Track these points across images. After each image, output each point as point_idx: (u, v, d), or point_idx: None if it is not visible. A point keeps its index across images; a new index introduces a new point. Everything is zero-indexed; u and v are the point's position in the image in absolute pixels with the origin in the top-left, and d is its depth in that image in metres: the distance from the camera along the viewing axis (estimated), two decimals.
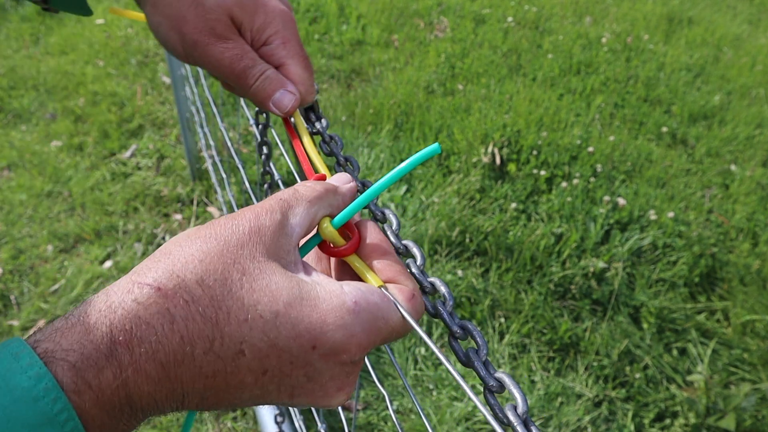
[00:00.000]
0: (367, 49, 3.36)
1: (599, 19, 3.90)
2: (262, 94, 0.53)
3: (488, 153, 2.47)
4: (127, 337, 0.28)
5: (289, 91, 0.53)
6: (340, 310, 0.32)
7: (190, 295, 0.30)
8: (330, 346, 0.32)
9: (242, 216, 0.34)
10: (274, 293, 0.31)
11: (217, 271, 0.30)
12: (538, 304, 1.91)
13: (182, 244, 0.32)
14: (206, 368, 0.30)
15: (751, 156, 2.73)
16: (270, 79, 0.53)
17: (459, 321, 0.39)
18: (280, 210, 0.35)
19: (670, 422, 1.65)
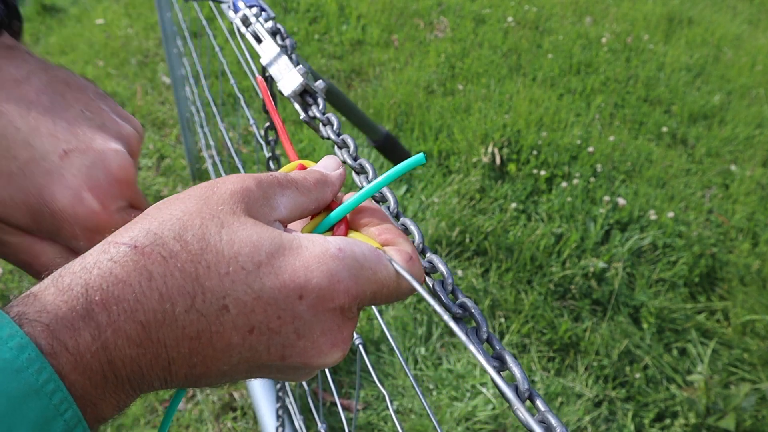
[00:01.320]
0: (367, 49, 3.36)
1: (599, 19, 3.90)
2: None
3: (488, 153, 2.47)
4: (103, 297, 0.27)
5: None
6: (324, 255, 0.31)
7: (168, 250, 0.28)
8: (316, 294, 0.31)
9: (226, 178, 0.33)
10: (256, 244, 0.30)
11: (195, 226, 0.30)
12: (538, 304, 1.91)
13: (161, 207, 0.31)
14: (189, 328, 0.28)
15: (751, 156, 2.73)
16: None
17: (460, 300, 0.38)
18: (268, 183, 0.34)
19: (670, 422, 1.65)
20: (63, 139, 0.36)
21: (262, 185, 0.33)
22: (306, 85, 0.55)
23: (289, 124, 2.69)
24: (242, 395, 1.65)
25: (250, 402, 1.63)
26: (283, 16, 3.60)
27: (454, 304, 0.38)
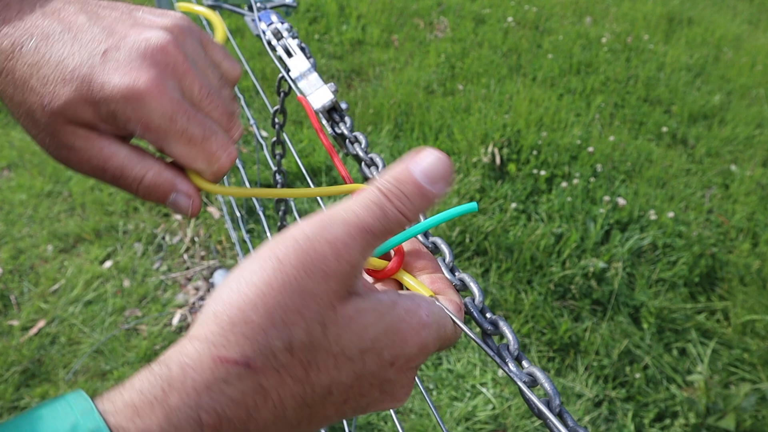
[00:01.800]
0: (367, 49, 3.36)
1: (599, 19, 3.90)
2: (151, 199, 0.40)
3: (488, 153, 2.47)
4: (215, 420, 0.27)
5: (185, 193, 0.40)
6: (417, 326, 0.33)
7: (279, 363, 0.28)
8: (406, 360, 0.33)
9: (319, 256, 0.30)
10: (360, 334, 0.31)
11: (301, 331, 0.29)
12: (538, 304, 1.91)
13: (255, 302, 0.29)
14: (294, 419, 0.30)
15: (751, 156, 2.73)
16: (154, 185, 0.38)
17: (490, 317, 0.40)
18: (362, 245, 0.31)
19: (670, 422, 1.65)
20: (102, 41, 0.37)
21: (353, 256, 0.31)
22: (335, 102, 0.57)
23: (289, 124, 2.69)
24: None
25: None
26: (283, 16, 3.60)
27: (485, 320, 0.40)
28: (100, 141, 0.37)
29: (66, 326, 1.83)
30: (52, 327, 1.83)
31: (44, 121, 0.36)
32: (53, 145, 0.37)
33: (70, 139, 0.37)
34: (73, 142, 0.37)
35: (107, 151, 0.37)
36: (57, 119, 0.36)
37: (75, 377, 1.69)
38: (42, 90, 0.35)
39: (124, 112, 0.36)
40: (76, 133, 0.37)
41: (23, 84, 0.36)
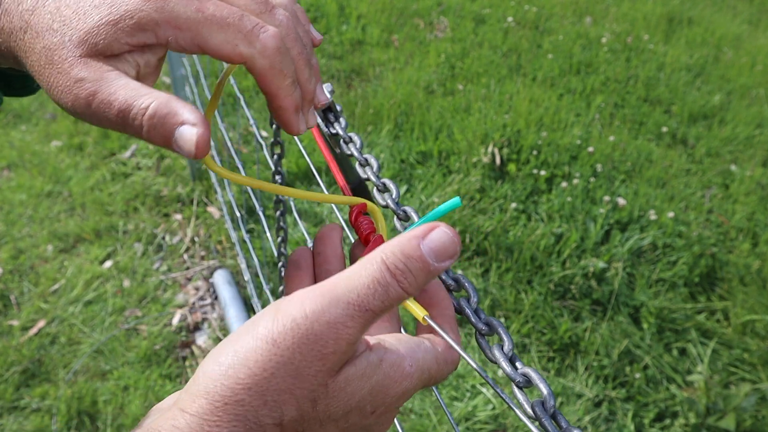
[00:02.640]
0: (367, 49, 3.36)
1: (599, 19, 3.90)
2: (161, 140, 0.36)
3: (488, 153, 2.47)
4: None
5: (191, 123, 0.36)
6: (400, 378, 0.33)
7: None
8: (386, 408, 0.34)
9: (317, 337, 0.30)
10: (347, 401, 0.32)
11: (291, 409, 0.30)
12: (538, 304, 1.91)
13: (249, 384, 0.29)
14: None
15: (751, 156, 2.73)
16: (156, 117, 0.36)
17: (485, 317, 0.40)
18: (362, 324, 0.31)
19: (670, 422, 1.65)
20: None
21: (351, 334, 0.31)
22: (332, 102, 0.57)
23: None
24: None
25: None
26: None
27: (480, 320, 0.40)
28: (110, 73, 0.36)
29: (66, 326, 1.83)
30: (52, 327, 1.83)
31: (61, 56, 0.35)
32: (63, 83, 0.36)
33: (82, 72, 0.35)
34: (85, 75, 0.35)
35: (116, 84, 0.36)
36: (75, 51, 0.35)
37: (75, 377, 1.69)
38: (63, 28, 0.35)
39: (149, 18, 0.35)
40: (89, 64, 0.36)
41: (45, 29, 0.36)
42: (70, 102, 0.36)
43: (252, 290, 1.73)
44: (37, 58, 0.36)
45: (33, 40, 0.36)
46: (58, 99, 0.36)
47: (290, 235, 2.11)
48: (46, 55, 0.36)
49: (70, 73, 0.35)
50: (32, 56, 0.37)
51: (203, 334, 1.83)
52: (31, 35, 0.36)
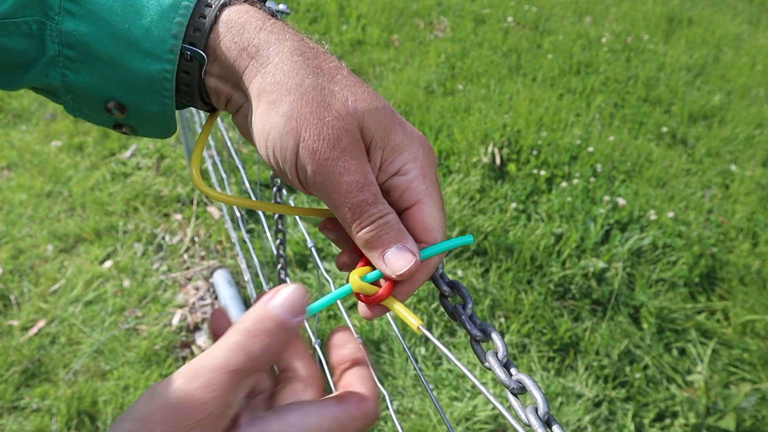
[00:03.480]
0: (367, 49, 3.36)
1: (599, 19, 3.90)
2: (375, 243, 0.40)
3: (488, 153, 2.47)
4: None
5: (409, 249, 0.40)
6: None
7: None
8: None
9: (186, 408, 0.31)
10: None
11: None
12: (538, 304, 1.91)
13: None
14: None
15: (751, 156, 2.73)
16: (390, 226, 0.40)
17: (480, 323, 0.40)
18: (230, 385, 0.32)
19: (670, 422, 1.65)
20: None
21: (225, 403, 0.32)
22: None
23: None
24: None
25: None
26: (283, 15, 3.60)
27: (475, 326, 0.40)
28: (368, 163, 0.41)
29: (66, 326, 1.83)
30: (52, 327, 1.83)
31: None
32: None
33: (355, 148, 0.40)
34: (357, 153, 0.40)
35: (371, 177, 0.40)
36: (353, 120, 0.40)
37: (75, 377, 1.69)
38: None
39: None
40: (360, 143, 0.40)
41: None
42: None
43: (252, 290, 1.73)
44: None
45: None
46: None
47: (290, 236, 2.11)
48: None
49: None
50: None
51: (203, 334, 1.83)
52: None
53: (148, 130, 0.46)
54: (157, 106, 0.42)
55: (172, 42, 0.39)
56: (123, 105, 0.42)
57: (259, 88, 0.39)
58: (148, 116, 0.44)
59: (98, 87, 0.41)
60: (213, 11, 0.40)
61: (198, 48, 0.40)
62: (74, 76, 0.41)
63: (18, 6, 0.38)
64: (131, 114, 0.43)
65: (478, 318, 0.41)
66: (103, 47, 0.39)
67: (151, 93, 0.41)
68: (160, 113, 0.43)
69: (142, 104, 0.42)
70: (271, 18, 0.41)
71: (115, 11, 0.39)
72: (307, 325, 0.86)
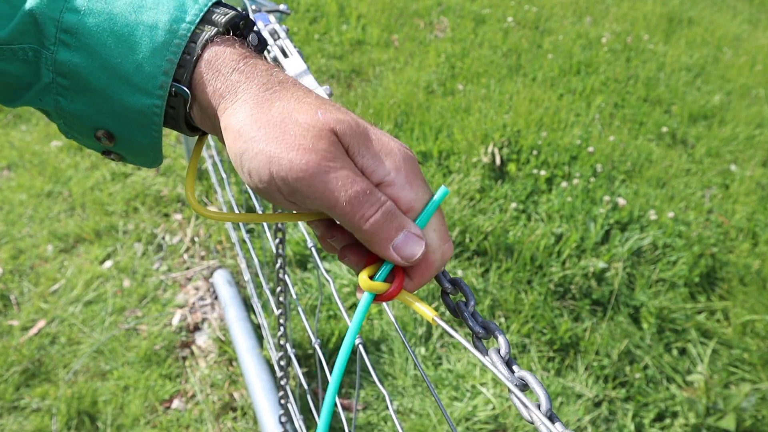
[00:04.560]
0: (367, 49, 3.36)
1: (599, 19, 3.90)
2: (381, 233, 0.40)
3: (488, 153, 2.47)
4: None
5: (415, 234, 0.40)
6: None
7: None
8: None
9: None
10: None
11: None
12: (538, 304, 1.91)
13: None
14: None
15: (751, 156, 2.73)
16: (393, 214, 0.40)
17: (482, 320, 0.40)
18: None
19: (670, 422, 1.65)
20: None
21: None
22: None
23: None
24: (242, 395, 1.65)
25: (250, 402, 1.63)
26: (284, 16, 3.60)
27: (477, 323, 0.40)
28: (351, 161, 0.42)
29: (66, 326, 1.83)
30: (52, 327, 1.83)
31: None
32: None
33: (334, 148, 0.40)
34: (336, 151, 0.40)
35: (357, 170, 0.41)
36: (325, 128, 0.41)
37: (75, 377, 1.69)
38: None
39: None
40: (338, 144, 0.41)
41: None
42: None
43: (252, 290, 1.73)
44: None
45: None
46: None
47: (290, 236, 2.11)
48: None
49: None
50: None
51: (203, 334, 1.83)
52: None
53: (135, 159, 0.47)
54: (145, 138, 0.44)
55: (162, 78, 0.41)
56: (112, 134, 0.44)
57: (225, 123, 0.40)
58: (135, 147, 0.45)
59: (89, 115, 0.43)
60: (197, 48, 0.41)
61: (182, 84, 0.42)
62: (66, 103, 0.42)
63: (16, 33, 0.40)
64: (119, 143, 0.45)
65: (480, 316, 0.41)
66: (95, 79, 0.41)
67: (139, 126, 0.43)
68: (148, 145, 0.45)
69: (131, 135, 0.44)
70: (247, 57, 0.43)
71: (108, 45, 0.40)
72: (307, 326, 0.86)
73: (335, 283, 1.94)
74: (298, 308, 0.85)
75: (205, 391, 1.66)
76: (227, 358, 1.74)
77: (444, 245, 0.42)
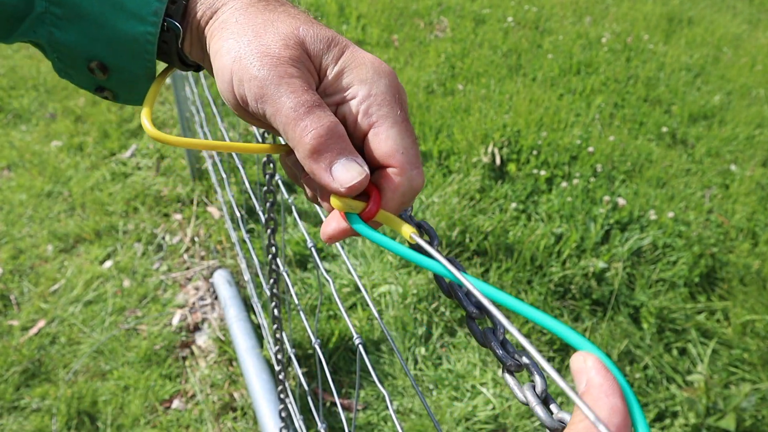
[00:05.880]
0: (368, 49, 3.36)
1: (599, 19, 3.90)
2: (321, 150, 0.37)
3: (488, 153, 2.47)
4: None
5: (358, 162, 0.37)
6: None
7: None
8: None
9: None
10: None
11: None
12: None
13: None
14: None
15: (751, 156, 2.73)
16: (339, 135, 0.37)
17: (475, 300, 0.39)
18: None
19: (670, 422, 1.65)
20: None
21: None
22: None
23: None
24: (242, 395, 1.65)
25: (250, 402, 1.63)
26: None
27: (470, 303, 0.39)
28: (314, 76, 0.40)
29: (66, 326, 1.83)
30: (52, 327, 1.83)
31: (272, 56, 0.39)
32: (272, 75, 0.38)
33: (297, 58, 0.39)
34: (299, 61, 0.39)
35: (314, 85, 0.39)
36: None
37: (75, 377, 1.69)
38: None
39: None
40: (303, 56, 0.39)
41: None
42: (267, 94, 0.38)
43: (252, 290, 1.73)
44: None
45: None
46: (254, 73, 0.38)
47: (290, 236, 2.11)
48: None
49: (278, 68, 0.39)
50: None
51: (203, 334, 1.83)
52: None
53: (128, 94, 0.46)
54: (138, 68, 0.43)
55: (156, 4, 0.40)
56: (105, 65, 0.43)
57: (216, 44, 0.40)
58: (128, 78, 0.44)
59: (82, 45, 0.42)
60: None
61: (175, 20, 0.41)
62: (60, 34, 0.41)
63: None
64: (112, 76, 0.44)
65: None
66: (88, 5, 0.40)
67: (133, 54, 0.42)
68: (142, 75, 0.44)
69: (124, 65, 0.43)
70: None
71: None
72: (307, 326, 0.86)
73: (335, 283, 1.94)
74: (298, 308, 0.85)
75: (205, 391, 1.66)
76: (227, 358, 1.74)
77: (412, 171, 0.39)
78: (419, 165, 0.39)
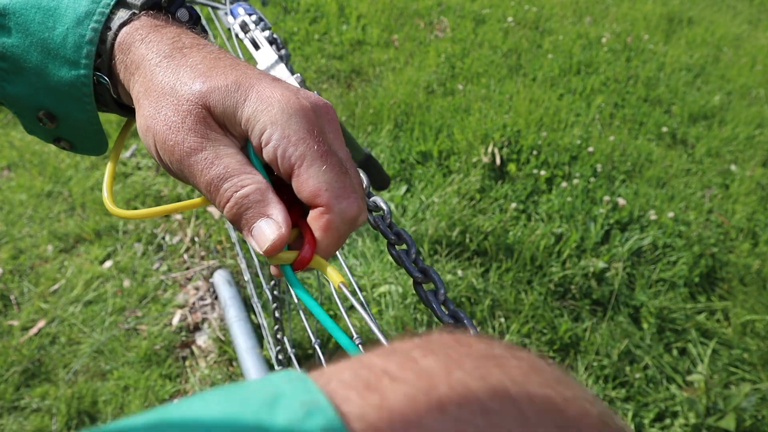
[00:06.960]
0: (367, 49, 3.36)
1: (599, 19, 3.90)
2: (239, 221, 0.39)
3: (488, 153, 2.47)
4: None
5: (274, 219, 0.38)
6: None
7: None
8: None
9: None
10: None
11: None
12: (538, 304, 1.91)
13: None
14: None
15: (751, 156, 2.73)
16: (249, 199, 0.38)
17: (422, 265, 0.44)
18: None
19: (670, 422, 1.65)
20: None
21: None
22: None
23: None
24: None
25: None
26: (284, 16, 3.60)
27: (416, 269, 0.44)
28: (224, 138, 0.39)
29: (66, 326, 1.83)
30: (52, 327, 1.83)
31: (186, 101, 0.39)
32: (184, 128, 0.39)
33: (201, 126, 0.39)
34: (203, 130, 0.39)
35: (224, 150, 0.39)
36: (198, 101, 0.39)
37: (75, 377, 1.69)
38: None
39: None
40: (207, 120, 0.39)
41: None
42: (181, 152, 0.39)
43: (252, 290, 1.73)
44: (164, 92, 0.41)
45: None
46: (171, 132, 0.39)
47: None
48: (171, 91, 0.41)
49: (190, 118, 0.39)
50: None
51: (203, 334, 1.83)
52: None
53: (81, 143, 0.47)
54: (80, 113, 0.44)
55: (87, 47, 0.41)
56: (52, 114, 0.44)
57: (135, 98, 0.41)
58: (76, 125, 0.45)
59: (29, 97, 0.43)
60: (111, 35, 0.41)
61: (103, 72, 0.42)
62: (11, 88, 0.43)
63: None
64: (61, 124, 0.45)
65: (422, 261, 0.45)
66: (29, 57, 0.41)
67: (73, 99, 0.43)
68: (86, 121, 0.45)
69: (68, 111, 0.44)
70: (157, 27, 0.42)
71: (36, 21, 0.40)
72: (307, 326, 0.86)
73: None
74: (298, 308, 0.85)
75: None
76: (227, 358, 1.74)
77: (341, 204, 0.38)
78: (349, 194, 0.38)
